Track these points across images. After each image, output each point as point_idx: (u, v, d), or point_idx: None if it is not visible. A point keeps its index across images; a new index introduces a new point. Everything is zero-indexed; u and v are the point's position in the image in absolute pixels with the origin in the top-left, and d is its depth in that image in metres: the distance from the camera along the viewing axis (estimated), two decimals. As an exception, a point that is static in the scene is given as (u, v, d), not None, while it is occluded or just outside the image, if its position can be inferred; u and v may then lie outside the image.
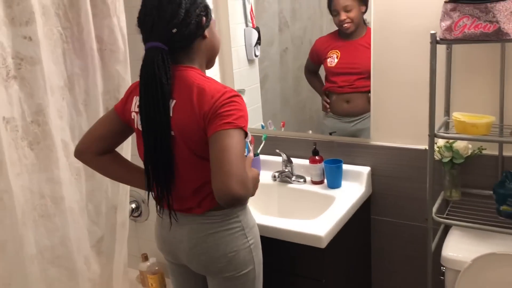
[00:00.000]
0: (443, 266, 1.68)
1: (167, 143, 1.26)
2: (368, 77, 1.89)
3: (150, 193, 1.35)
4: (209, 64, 1.40)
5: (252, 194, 1.33)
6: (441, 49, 1.61)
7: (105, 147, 1.42)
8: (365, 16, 1.87)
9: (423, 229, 1.79)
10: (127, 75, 1.75)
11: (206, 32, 1.30)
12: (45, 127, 1.52)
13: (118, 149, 1.47)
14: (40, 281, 1.59)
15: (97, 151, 1.41)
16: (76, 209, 1.67)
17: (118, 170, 1.48)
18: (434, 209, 1.65)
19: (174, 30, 1.23)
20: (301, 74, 2.16)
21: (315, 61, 2.07)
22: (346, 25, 1.92)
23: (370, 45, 1.85)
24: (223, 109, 1.20)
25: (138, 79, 1.29)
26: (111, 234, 1.84)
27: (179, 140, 1.27)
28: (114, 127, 1.41)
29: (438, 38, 1.45)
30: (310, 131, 2.13)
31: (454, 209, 1.69)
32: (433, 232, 1.66)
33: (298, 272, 1.66)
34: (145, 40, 1.27)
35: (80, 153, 1.43)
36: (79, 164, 1.68)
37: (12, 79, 1.44)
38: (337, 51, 2.00)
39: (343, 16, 1.91)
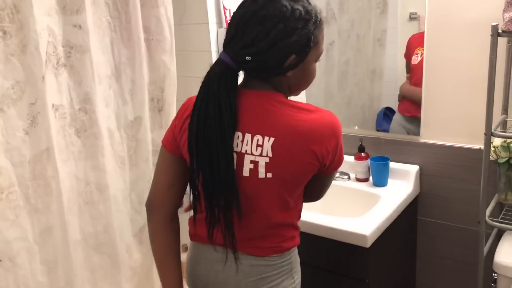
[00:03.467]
0: (495, 273, 1.59)
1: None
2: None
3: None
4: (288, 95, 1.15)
5: None
6: (501, 43, 1.52)
7: (177, 193, 1.21)
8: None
9: (474, 233, 1.71)
10: (172, 65, 1.74)
11: (290, 73, 1.05)
12: (92, 115, 1.53)
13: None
14: (84, 267, 1.62)
15: (170, 206, 1.21)
16: (119, 197, 1.69)
17: (173, 246, 1.25)
18: (488, 212, 1.56)
19: (248, 58, 1.01)
20: (346, 69, 2.10)
21: (407, 58, 1.94)
22: None
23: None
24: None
25: (182, 70, 1.14)
26: (153, 224, 1.86)
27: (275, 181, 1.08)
28: (175, 168, 1.18)
29: (500, 31, 1.36)
30: (356, 127, 2.07)
31: (509, 213, 1.60)
32: (485, 236, 1.57)
33: (340, 271, 1.62)
34: (223, 47, 1.07)
35: (152, 209, 1.21)
36: (123, 153, 1.70)
37: (62, 67, 1.46)
38: (423, 48, 1.89)
39: None
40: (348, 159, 1.98)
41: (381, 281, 1.70)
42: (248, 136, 1.05)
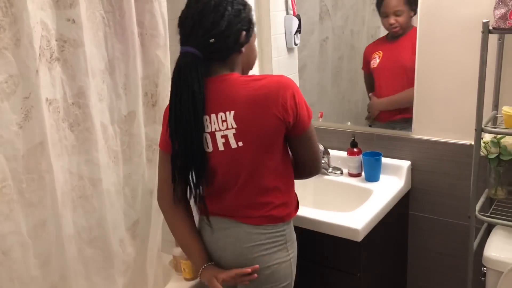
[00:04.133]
0: (485, 267, 1.62)
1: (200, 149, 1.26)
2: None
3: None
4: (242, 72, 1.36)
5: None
6: (492, 40, 1.54)
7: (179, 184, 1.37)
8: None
9: (464, 227, 1.73)
10: (166, 60, 1.74)
11: (244, 48, 1.28)
12: (85, 109, 1.53)
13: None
14: (77, 261, 1.62)
15: (169, 195, 1.38)
16: (113, 191, 1.69)
17: (184, 225, 1.44)
18: (478, 207, 1.58)
19: (212, 40, 1.20)
20: (340, 65, 2.12)
21: (366, 69, 2.03)
22: (395, 29, 1.86)
23: (412, 42, 1.80)
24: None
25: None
26: (146, 218, 1.86)
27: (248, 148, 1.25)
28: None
29: (491, 27, 1.38)
30: (349, 123, 2.09)
31: (498, 208, 1.62)
32: (475, 231, 1.59)
33: (332, 265, 1.64)
34: (181, 43, 1.25)
35: (159, 200, 1.44)
36: (117, 147, 1.70)
37: (56, 61, 1.45)
38: (380, 51, 1.95)
39: (392, 20, 1.85)
40: (341, 154, 2.00)
41: (373, 274, 1.72)
42: (213, 116, 1.24)
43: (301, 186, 1.94)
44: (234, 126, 1.22)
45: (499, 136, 1.60)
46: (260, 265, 1.32)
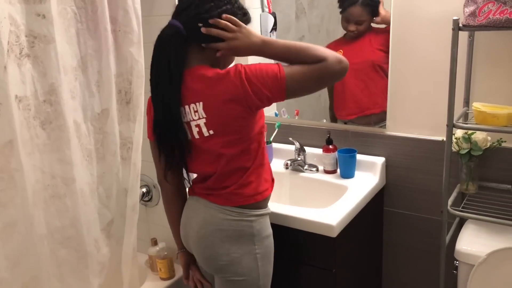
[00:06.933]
0: (457, 260, 1.65)
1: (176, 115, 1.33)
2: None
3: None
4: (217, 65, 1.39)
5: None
6: (462, 38, 1.57)
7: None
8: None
9: (437, 222, 1.76)
10: (140, 57, 1.72)
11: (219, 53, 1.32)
12: (57, 107, 1.50)
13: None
14: (50, 262, 1.59)
15: (164, 176, 1.46)
16: (87, 191, 1.66)
17: (174, 206, 1.54)
18: (450, 202, 1.61)
19: (200, 25, 1.27)
20: (316, 63, 2.12)
21: None
22: (352, 34, 1.90)
23: (371, 41, 1.86)
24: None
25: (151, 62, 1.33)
26: (121, 218, 1.83)
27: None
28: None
29: (461, 25, 1.41)
30: (325, 120, 2.10)
31: (470, 202, 1.66)
32: (447, 225, 1.63)
33: (308, 261, 1.64)
34: (173, 16, 1.33)
35: (159, 182, 1.52)
36: (90, 146, 1.68)
37: (25, 57, 1.42)
38: (341, 50, 1.97)
39: (353, 27, 1.89)
40: (316, 151, 2.01)
41: (348, 270, 1.73)
42: (187, 107, 1.31)
43: (277, 183, 1.95)
44: (204, 116, 1.29)
45: (470, 131, 1.63)
46: (219, 250, 1.37)
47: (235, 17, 1.29)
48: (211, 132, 1.30)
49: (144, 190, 2.29)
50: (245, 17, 1.35)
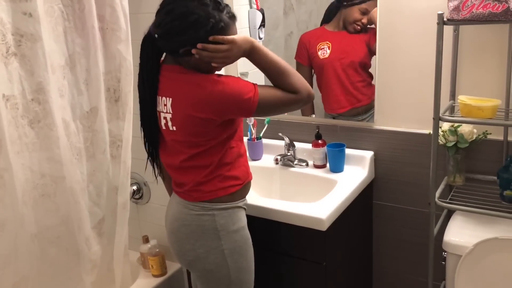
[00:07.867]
0: (445, 251, 1.67)
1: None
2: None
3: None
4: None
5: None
6: (448, 32, 1.59)
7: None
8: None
9: (426, 214, 1.79)
10: (128, 55, 1.72)
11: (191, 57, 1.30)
12: (45, 105, 1.50)
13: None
14: (41, 261, 1.59)
15: (160, 172, 1.56)
16: (77, 189, 1.66)
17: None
18: (437, 194, 1.63)
19: (156, 36, 1.29)
20: (305, 59, 2.13)
21: (303, 60, 2.04)
22: (358, 27, 1.87)
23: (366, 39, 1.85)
24: None
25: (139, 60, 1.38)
26: (112, 216, 1.84)
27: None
28: None
29: (445, 19, 1.42)
30: (314, 115, 2.11)
31: (457, 194, 1.68)
32: (435, 217, 1.65)
33: (299, 255, 1.66)
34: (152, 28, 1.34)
35: (162, 179, 1.63)
36: (80, 144, 1.68)
37: (12, 56, 1.42)
38: (328, 42, 1.96)
39: (365, 20, 1.84)
40: (306, 146, 2.03)
41: (338, 263, 1.75)
42: (160, 98, 1.35)
43: (267, 179, 1.97)
44: (171, 111, 1.33)
45: (456, 124, 1.65)
46: (185, 246, 1.41)
47: (218, 27, 1.25)
48: (174, 128, 1.34)
49: (134, 188, 2.30)
50: (231, 19, 1.30)
